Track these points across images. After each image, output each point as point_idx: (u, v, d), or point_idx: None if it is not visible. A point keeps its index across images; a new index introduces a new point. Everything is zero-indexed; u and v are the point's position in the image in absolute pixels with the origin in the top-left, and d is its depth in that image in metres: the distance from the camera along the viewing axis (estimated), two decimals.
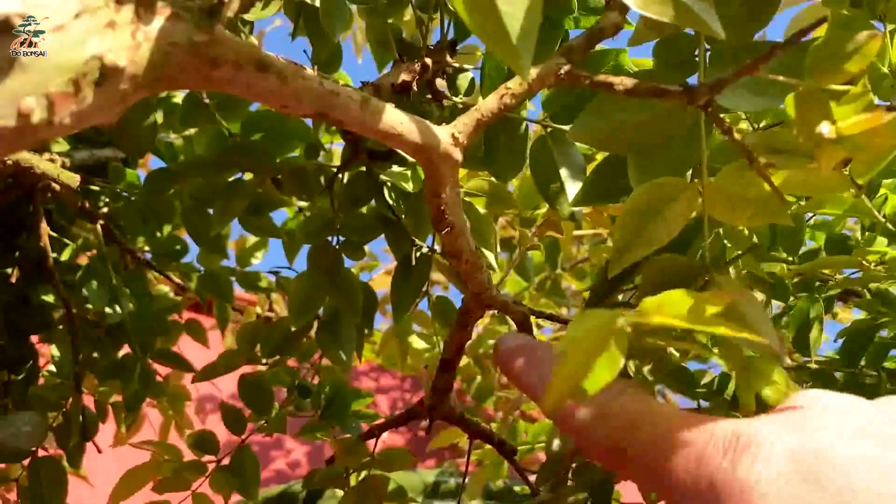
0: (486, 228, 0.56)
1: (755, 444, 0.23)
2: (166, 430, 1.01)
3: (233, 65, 0.26)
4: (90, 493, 0.83)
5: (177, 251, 0.83)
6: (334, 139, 0.82)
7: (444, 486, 1.06)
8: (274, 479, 2.12)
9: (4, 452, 0.62)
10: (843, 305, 0.74)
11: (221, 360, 0.68)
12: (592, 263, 1.05)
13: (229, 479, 0.68)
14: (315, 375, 0.78)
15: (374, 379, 2.45)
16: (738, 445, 0.23)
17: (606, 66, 0.44)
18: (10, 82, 0.22)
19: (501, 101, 0.32)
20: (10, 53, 0.22)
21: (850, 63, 0.30)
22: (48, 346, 0.83)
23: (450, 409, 0.62)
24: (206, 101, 0.60)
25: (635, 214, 0.33)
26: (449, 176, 0.33)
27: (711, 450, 0.23)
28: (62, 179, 0.60)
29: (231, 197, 0.59)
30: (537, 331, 1.44)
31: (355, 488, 0.60)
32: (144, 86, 0.25)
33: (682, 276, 0.34)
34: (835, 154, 0.30)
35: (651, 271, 0.34)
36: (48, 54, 0.23)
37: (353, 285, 0.58)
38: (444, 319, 0.68)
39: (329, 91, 0.28)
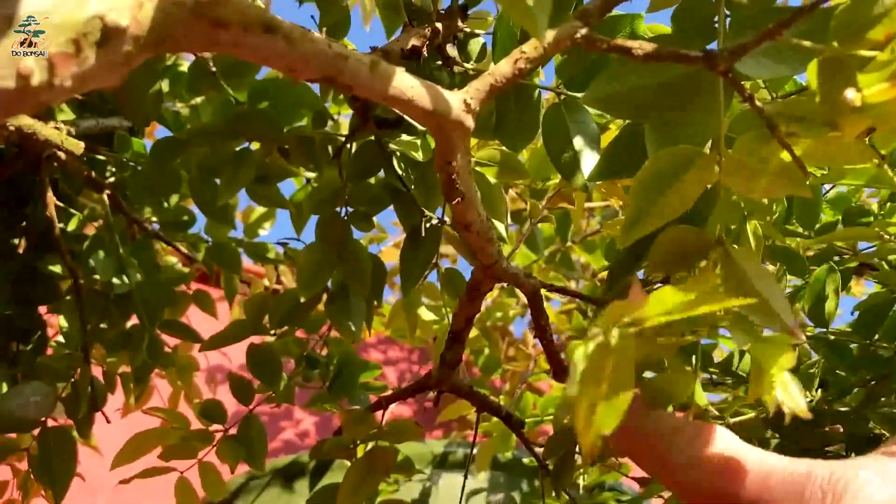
0: (497, 199, 0.56)
1: (853, 489, 0.24)
2: (175, 401, 1.02)
3: (238, 26, 0.25)
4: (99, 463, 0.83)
5: (184, 221, 0.82)
6: (342, 109, 0.81)
7: (451, 456, 1.07)
8: (283, 449, 2.14)
9: (14, 422, 0.62)
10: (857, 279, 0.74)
11: (229, 329, 0.68)
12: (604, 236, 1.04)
13: (236, 449, 0.68)
14: (323, 347, 0.78)
15: (383, 351, 2.45)
16: (836, 490, 0.24)
17: (623, 32, 0.43)
18: (8, 42, 0.22)
19: (516, 65, 0.31)
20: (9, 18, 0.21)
21: (877, 28, 0.29)
22: (56, 316, 0.83)
23: (458, 382, 0.61)
24: (212, 68, 0.59)
25: (649, 184, 0.32)
26: (460, 144, 0.32)
27: (810, 494, 0.24)
28: (66, 146, 0.60)
29: (238, 166, 0.58)
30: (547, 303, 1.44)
31: (363, 459, 0.60)
32: (147, 47, 0.24)
33: (694, 249, 0.33)
34: (859, 123, 0.29)
35: (662, 244, 0.34)
36: (48, 13, 0.22)
37: (361, 256, 0.58)
38: (453, 292, 0.68)
39: (337, 54, 0.27)
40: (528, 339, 1.66)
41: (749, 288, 0.30)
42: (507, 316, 1.42)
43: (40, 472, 0.65)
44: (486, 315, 1.38)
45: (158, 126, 0.95)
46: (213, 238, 0.86)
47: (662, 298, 0.23)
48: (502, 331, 1.57)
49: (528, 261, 1.06)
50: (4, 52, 0.22)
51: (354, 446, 0.62)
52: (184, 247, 0.87)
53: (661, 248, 0.33)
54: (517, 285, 0.45)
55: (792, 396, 0.26)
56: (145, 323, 0.76)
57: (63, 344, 0.82)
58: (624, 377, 0.22)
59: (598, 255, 1.09)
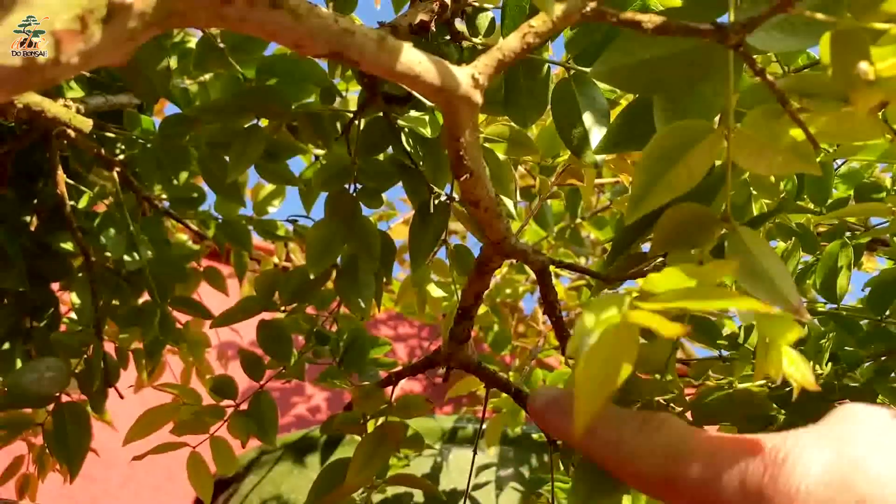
0: (506, 175, 0.55)
1: (792, 457, 0.24)
2: (187, 376, 1.03)
3: (245, 1, 0.25)
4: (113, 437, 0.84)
5: (194, 199, 0.82)
6: (350, 86, 0.80)
7: (461, 432, 1.08)
8: (295, 424, 2.16)
9: (29, 397, 0.63)
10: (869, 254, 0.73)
11: (240, 306, 0.68)
12: (613, 212, 1.03)
13: (247, 424, 0.69)
14: (333, 323, 0.78)
15: (392, 327, 2.47)
16: (776, 460, 0.24)
17: (633, 6, 0.42)
18: (14, 19, 0.22)
19: (524, 39, 0.31)
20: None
21: (892, 0, 0.29)
22: (68, 293, 0.84)
23: (467, 358, 0.62)
24: (220, 45, 0.59)
25: (655, 158, 0.32)
26: (468, 119, 0.32)
27: (753, 467, 0.25)
28: (75, 124, 0.60)
29: (247, 143, 0.58)
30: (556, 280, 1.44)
31: (373, 434, 0.60)
32: (154, 23, 0.24)
33: (699, 226, 0.33)
34: (871, 97, 0.29)
35: (668, 221, 0.33)
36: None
37: (370, 231, 0.58)
38: (462, 268, 0.68)
39: (344, 29, 0.27)
40: (538, 315, 1.66)
41: (755, 266, 0.30)
42: (516, 292, 1.42)
43: (55, 447, 0.66)
44: (495, 291, 1.38)
45: (167, 103, 0.95)
46: (223, 215, 0.86)
47: (675, 280, 0.23)
48: (512, 307, 1.57)
49: (538, 237, 1.06)
50: (10, 29, 0.22)
51: (365, 421, 0.63)
52: (194, 224, 0.87)
53: (667, 225, 0.33)
54: (526, 262, 0.45)
55: (799, 369, 0.27)
56: (157, 299, 0.76)
57: (76, 320, 0.83)
58: (627, 355, 0.22)
59: (607, 231, 1.08)
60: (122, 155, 0.77)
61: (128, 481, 1.75)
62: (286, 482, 1.08)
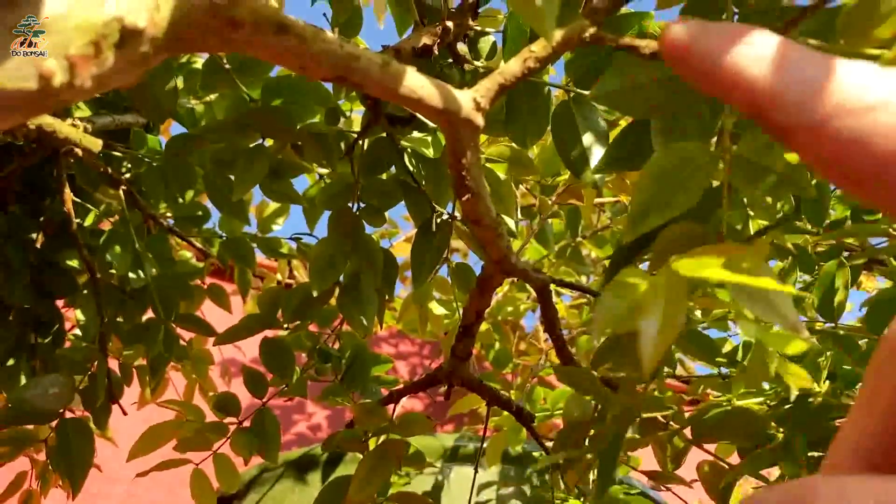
0: (507, 194, 0.56)
1: None
2: (190, 393, 1.03)
3: (252, 26, 0.26)
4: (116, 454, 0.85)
5: (199, 217, 0.83)
6: (354, 106, 0.81)
7: (462, 450, 1.07)
8: (295, 442, 2.15)
9: (33, 413, 0.64)
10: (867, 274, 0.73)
11: (243, 323, 0.69)
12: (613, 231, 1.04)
13: (250, 441, 0.69)
14: (336, 341, 0.79)
15: (394, 345, 2.47)
16: None
17: (631, 30, 0.43)
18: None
19: (525, 64, 0.32)
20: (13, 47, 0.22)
21: (884, 26, 0.30)
22: (73, 310, 0.84)
23: (468, 375, 0.62)
24: (226, 65, 0.60)
25: (654, 179, 0.33)
26: (470, 140, 0.33)
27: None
28: (84, 144, 0.61)
29: (252, 162, 0.59)
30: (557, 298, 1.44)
31: (374, 451, 0.60)
32: (164, 48, 0.25)
33: (698, 244, 0.34)
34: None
35: (666, 240, 0.34)
36: (68, 16, 0.23)
37: (373, 248, 0.58)
38: (464, 286, 0.69)
39: (349, 54, 0.28)
40: (540, 333, 1.66)
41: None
42: (517, 310, 1.43)
43: (58, 463, 0.66)
44: (496, 309, 1.38)
45: (173, 122, 0.96)
46: (228, 233, 0.87)
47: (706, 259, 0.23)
48: (513, 325, 1.57)
49: (539, 255, 1.06)
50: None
51: (366, 439, 0.63)
52: (198, 241, 0.88)
53: (665, 243, 0.34)
54: (526, 280, 0.45)
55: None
56: (161, 316, 0.77)
57: (80, 337, 0.84)
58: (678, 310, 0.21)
59: (608, 250, 1.09)
60: (128, 173, 0.78)
61: (130, 498, 1.75)
62: (288, 500, 1.07)
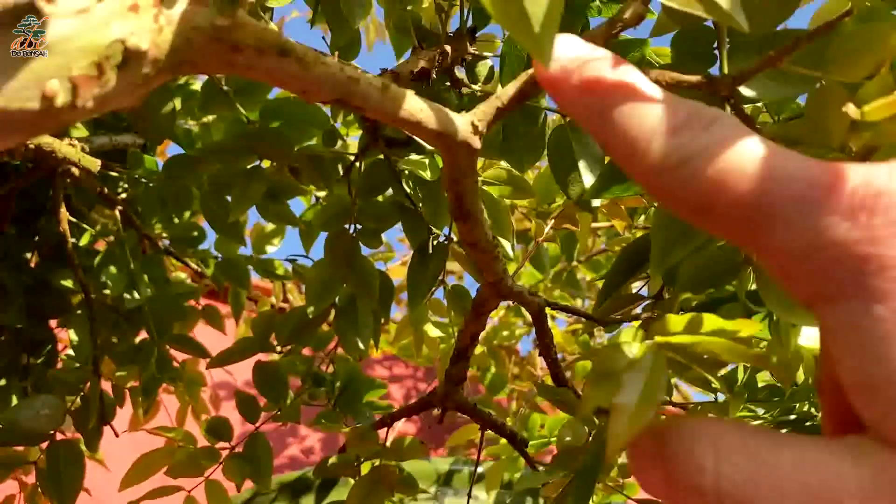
0: (503, 217, 0.56)
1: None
2: (183, 416, 1.02)
3: (254, 50, 0.26)
4: (106, 477, 0.84)
5: (194, 237, 0.83)
6: (351, 131, 0.82)
7: (457, 475, 1.07)
8: (288, 466, 2.14)
9: (23, 434, 0.63)
10: None
11: (236, 346, 0.68)
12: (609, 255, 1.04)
13: (242, 466, 0.68)
14: (329, 365, 0.79)
15: (388, 368, 2.46)
16: (876, 205, 0.15)
17: (628, 57, 0.43)
18: (34, 64, 0.22)
19: (522, 89, 0.32)
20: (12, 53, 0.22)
21: (872, 54, 0.30)
22: (66, 330, 0.84)
23: (463, 399, 0.62)
24: (224, 87, 0.60)
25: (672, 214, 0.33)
26: (467, 164, 0.33)
27: (838, 204, 0.16)
28: (83, 164, 0.61)
29: (249, 183, 0.59)
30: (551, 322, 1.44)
31: (367, 476, 0.60)
32: (166, 69, 0.25)
33: (724, 269, 0.34)
34: (860, 142, 0.30)
35: (692, 265, 0.34)
36: (72, 37, 0.23)
37: (369, 271, 0.58)
38: (459, 308, 0.68)
39: (349, 77, 0.28)
40: (535, 358, 1.66)
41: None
42: (513, 335, 1.43)
43: (48, 486, 0.66)
44: (492, 334, 1.38)
45: (170, 143, 0.96)
46: (223, 254, 0.87)
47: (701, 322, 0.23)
48: (508, 350, 1.57)
49: (535, 280, 1.06)
50: (30, 74, 0.22)
51: (359, 463, 0.63)
52: (193, 262, 0.88)
53: (691, 270, 0.34)
54: (522, 303, 0.45)
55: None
56: (154, 337, 0.77)
57: (73, 357, 0.83)
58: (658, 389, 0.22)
59: (603, 274, 1.09)
60: (124, 194, 0.78)
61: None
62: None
